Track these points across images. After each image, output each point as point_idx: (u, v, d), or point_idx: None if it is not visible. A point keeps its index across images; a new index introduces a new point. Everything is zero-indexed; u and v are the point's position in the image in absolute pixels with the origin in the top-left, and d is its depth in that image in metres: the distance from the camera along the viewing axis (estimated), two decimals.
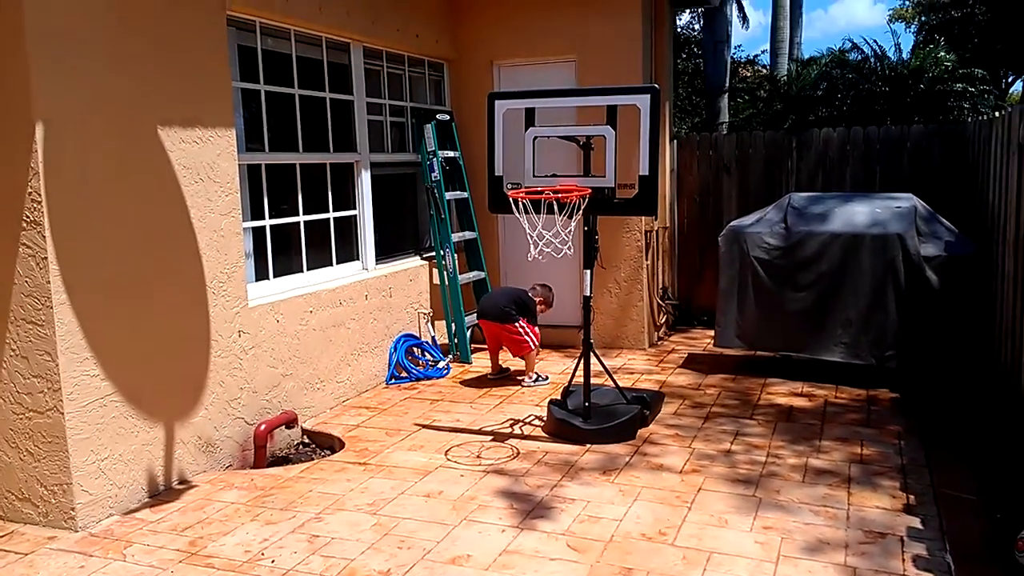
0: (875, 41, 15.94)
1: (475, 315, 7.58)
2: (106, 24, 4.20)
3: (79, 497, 4.10)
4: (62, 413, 4.03)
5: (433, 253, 7.38)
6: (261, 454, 5.13)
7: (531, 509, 4.21)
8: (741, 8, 17.77)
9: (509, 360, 6.96)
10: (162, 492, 4.56)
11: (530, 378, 6.57)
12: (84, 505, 4.12)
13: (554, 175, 5.35)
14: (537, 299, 6.76)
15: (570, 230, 5.09)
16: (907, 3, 26.19)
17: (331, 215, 6.37)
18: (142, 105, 4.41)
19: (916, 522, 3.97)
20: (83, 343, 4.11)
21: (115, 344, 4.28)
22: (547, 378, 6.61)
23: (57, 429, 4.06)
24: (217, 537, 3.97)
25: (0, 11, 3.84)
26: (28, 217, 3.95)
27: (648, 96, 4.98)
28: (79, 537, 4.03)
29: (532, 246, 5.06)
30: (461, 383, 6.64)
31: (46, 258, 3.95)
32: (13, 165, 3.93)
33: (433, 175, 7.19)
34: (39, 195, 3.91)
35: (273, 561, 3.71)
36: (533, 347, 6.54)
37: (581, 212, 5.02)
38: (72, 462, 4.07)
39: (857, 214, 6.37)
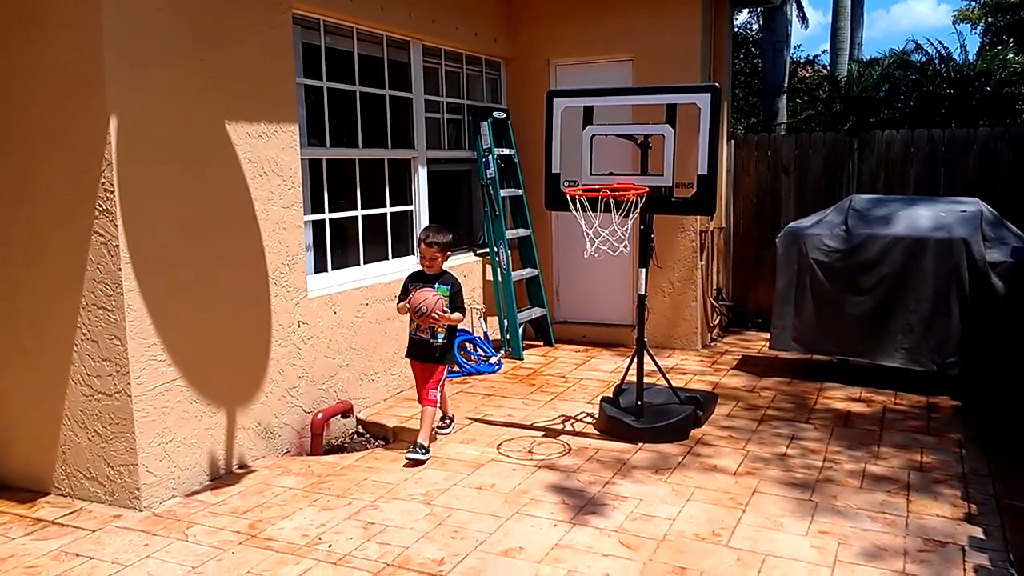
0: (940, 42, 15.47)
1: (528, 311, 7.62)
2: (176, 21, 4.32)
3: (144, 478, 4.23)
4: (130, 396, 4.17)
5: (487, 249, 7.42)
6: (318, 442, 5.23)
7: (583, 505, 4.22)
8: (801, 8, 17.49)
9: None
10: (223, 475, 4.67)
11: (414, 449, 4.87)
12: (148, 486, 4.25)
13: (611, 173, 5.34)
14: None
15: (626, 228, 5.08)
16: (973, 4, 25.44)
17: (388, 210, 6.46)
18: (210, 100, 4.53)
19: (978, 532, 3.88)
20: (151, 329, 4.24)
21: (181, 331, 4.40)
22: (428, 450, 4.89)
23: (124, 411, 4.19)
24: (276, 521, 4.06)
25: (78, 8, 3.99)
26: (101, 206, 4.09)
27: (708, 95, 4.95)
28: (143, 516, 4.16)
29: (588, 244, 5.06)
30: (512, 379, 6.67)
31: (117, 246, 4.08)
32: (87, 155, 4.07)
33: (488, 172, 7.24)
34: (112, 185, 4.05)
35: (330, 546, 3.78)
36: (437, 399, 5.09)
37: (638, 210, 5.01)
38: (138, 444, 4.20)
39: (920, 217, 6.23)
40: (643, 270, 5.36)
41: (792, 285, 6.52)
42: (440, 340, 5.04)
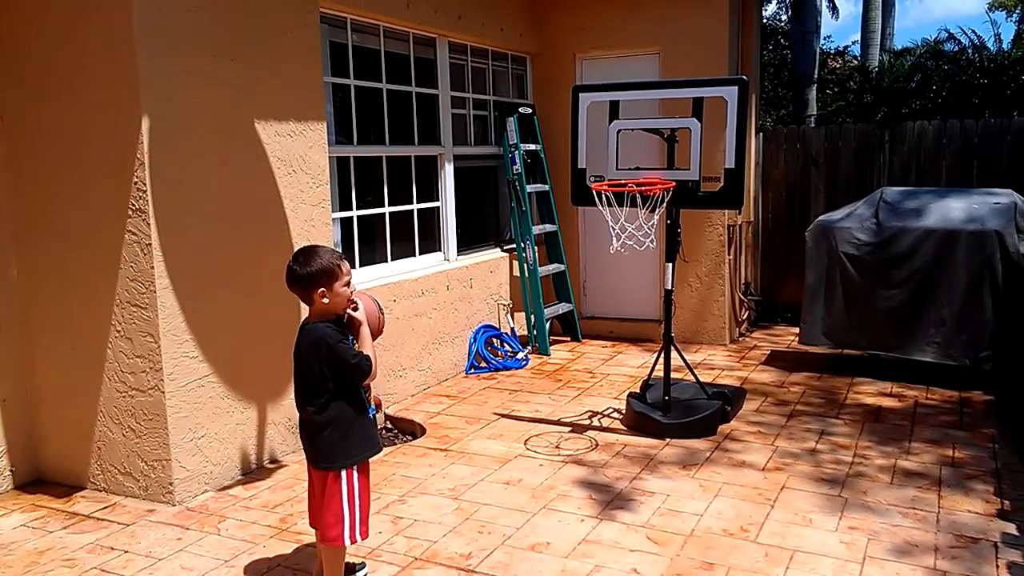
0: (973, 31, 15.24)
1: (555, 306, 7.62)
2: (207, 21, 4.37)
3: (177, 473, 4.30)
4: (163, 392, 4.24)
5: (513, 245, 7.43)
6: None
7: (610, 500, 4.22)
8: None
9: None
10: (254, 470, 4.74)
11: None
12: (181, 481, 4.32)
13: (637, 168, 5.33)
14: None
15: (653, 223, 5.07)
16: None
17: (415, 207, 6.49)
18: (240, 99, 4.58)
19: (1011, 528, 3.82)
20: (183, 326, 4.30)
21: (212, 328, 4.46)
22: None
23: (158, 407, 4.27)
24: (306, 515, 4.10)
25: (111, 9, 4.05)
26: (134, 205, 4.15)
27: (736, 88, 4.91)
28: (176, 511, 4.23)
29: (614, 239, 5.06)
30: (539, 374, 6.69)
31: (150, 244, 4.15)
32: (120, 155, 4.14)
33: (515, 168, 7.25)
34: (144, 184, 4.11)
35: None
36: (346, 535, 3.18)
37: (664, 205, 4.99)
38: (171, 439, 4.27)
39: (953, 210, 6.15)
40: (670, 265, 5.34)
41: (822, 279, 6.46)
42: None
